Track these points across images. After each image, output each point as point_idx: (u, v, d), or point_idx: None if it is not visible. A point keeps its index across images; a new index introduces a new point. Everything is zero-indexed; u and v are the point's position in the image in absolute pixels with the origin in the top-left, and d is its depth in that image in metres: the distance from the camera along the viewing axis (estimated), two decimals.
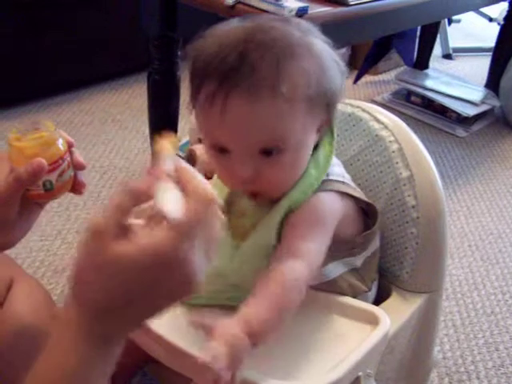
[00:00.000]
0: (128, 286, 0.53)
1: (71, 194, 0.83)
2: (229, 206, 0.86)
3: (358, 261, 0.92)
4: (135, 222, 0.56)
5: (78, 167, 0.81)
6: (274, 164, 0.77)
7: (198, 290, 0.56)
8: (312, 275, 0.78)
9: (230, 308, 0.85)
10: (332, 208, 0.84)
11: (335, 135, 0.88)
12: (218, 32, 0.77)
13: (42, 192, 0.77)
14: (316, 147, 0.85)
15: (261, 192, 0.81)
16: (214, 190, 0.57)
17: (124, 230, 0.54)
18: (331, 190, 0.84)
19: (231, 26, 0.78)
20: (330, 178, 0.85)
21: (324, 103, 0.79)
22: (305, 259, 0.78)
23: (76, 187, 0.81)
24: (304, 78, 0.75)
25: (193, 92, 0.78)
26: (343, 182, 0.87)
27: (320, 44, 0.79)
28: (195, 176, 0.58)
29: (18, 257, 1.57)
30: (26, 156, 0.74)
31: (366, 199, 0.91)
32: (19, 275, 1.02)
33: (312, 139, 0.81)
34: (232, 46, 0.73)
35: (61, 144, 0.77)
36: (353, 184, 0.90)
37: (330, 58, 0.79)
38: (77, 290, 0.56)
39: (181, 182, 0.56)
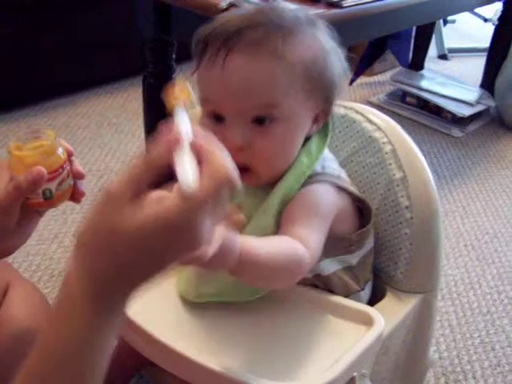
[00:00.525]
0: (134, 253, 0.53)
1: (69, 202, 0.83)
2: None
3: (354, 259, 0.92)
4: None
5: (77, 176, 0.81)
6: (266, 134, 0.78)
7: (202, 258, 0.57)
8: (312, 262, 0.78)
9: (234, 305, 0.86)
10: (328, 200, 0.85)
11: (330, 127, 0.89)
12: (227, 13, 0.81)
13: (41, 200, 0.77)
14: (308, 139, 0.85)
15: (252, 167, 0.80)
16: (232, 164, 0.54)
17: (139, 200, 0.53)
18: (326, 182, 0.85)
19: (244, 9, 0.82)
20: (326, 171, 0.86)
21: (322, 91, 0.81)
22: (306, 245, 0.77)
23: (75, 196, 0.82)
24: (307, 54, 0.77)
25: (197, 58, 0.80)
26: (339, 177, 0.88)
27: (326, 39, 0.81)
28: (215, 147, 0.55)
29: (15, 261, 1.57)
30: (25, 165, 0.75)
31: (360, 195, 0.92)
32: (15, 279, 1.02)
33: (307, 124, 0.82)
34: (240, 16, 0.77)
35: (61, 153, 0.78)
36: (348, 180, 0.91)
37: (333, 52, 0.81)
38: (82, 256, 0.55)
39: (199, 153, 0.54)
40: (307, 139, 0.86)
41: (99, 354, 0.57)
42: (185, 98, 0.63)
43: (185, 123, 0.57)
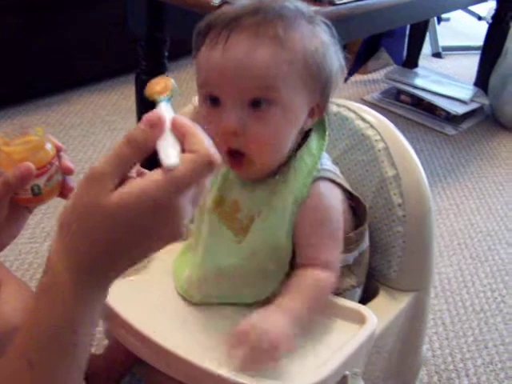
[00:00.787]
0: (116, 230, 0.53)
1: (58, 198, 0.83)
2: (221, 202, 0.87)
3: (351, 258, 0.92)
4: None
5: (66, 172, 0.81)
6: (262, 118, 0.78)
7: (181, 237, 0.57)
8: (336, 277, 0.84)
9: (241, 307, 0.86)
10: (337, 204, 0.87)
11: (327, 126, 0.89)
12: (228, 5, 0.82)
13: (30, 196, 0.77)
14: (306, 138, 0.86)
15: (246, 152, 0.80)
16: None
17: (123, 181, 0.54)
18: (325, 178, 0.86)
19: (243, 1, 0.82)
20: (324, 167, 0.87)
21: (319, 84, 0.81)
22: (329, 268, 0.83)
23: (64, 192, 0.82)
24: (307, 45, 0.79)
25: (197, 42, 0.81)
26: (335, 173, 0.89)
27: (326, 36, 0.82)
28: (197, 130, 0.56)
29: (7, 259, 1.56)
30: (13, 160, 0.74)
31: (355, 193, 0.92)
32: (7, 277, 1.02)
33: (301, 114, 0.82)
34: (242, 6, 0.79)
35: (49, 148, 0.77)
36: (342, 177, 0.91)
37: (332, 48, 0.83)
38: (63, 236, 0.56)
39: (182, 135, 0.55)
40: (305, 137, 0.86)
41: (82, 332, 0.57)
42: (168, 92, 0.63)
43: (168, 111, 0.58)
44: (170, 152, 0.53)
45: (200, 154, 0.54)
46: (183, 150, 0.55)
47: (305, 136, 0.86)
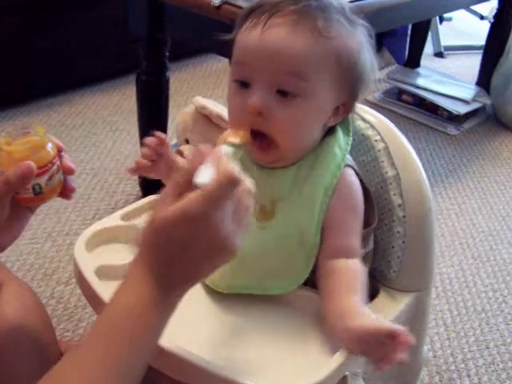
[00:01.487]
0: (170, 244, 0.63)
1: (59, 198, 0.83)
2: None
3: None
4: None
5: (67, 172, 0.81)
6: (287, 106, 0.79)
7: (232, 254, 0.66)
8: None
9: (228, 303, 0.86)
10: (361, 192, 0.88)
11: (351, 127, 0.91)
12: None
13: (31, 196, 0.77)
14: (335, 129, 0.88)
15: (270, 135, 0.81)
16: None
17: (172, 202, 0.64)
18: (351, 167, 0.88)
19: None
20: (348, 157, 0.89)
21: (349, 84, 0.83)
22: (357, 255, 0.85)
23: (65, 191, 0.82)
24: (343, 43, 0.80)
25: (240, 24, 0.83)
26: (354, 164, 0.91)
27: (364, 37, 0.83)
28: (226, 160, 0.66)
29: (8, 260, 1.56)
30: (15, 160, 0.75)
31: (368, 186, 0.92)
32: (8, 278, 1.02)
33: (327, 110, 0.83)
34: None
35: (50, 148, 0.78)
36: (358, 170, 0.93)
37: (367, 50, 0.84)
38: (140, 247, 0.66)
39: (214, 163, 0.65)
40: (330, 130, 0.88)
41: (150, 329, 0.65)
42: (237, 142, 0.76)
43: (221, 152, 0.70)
44: (204, 174, 0.63)
45: (223, 172, 0.63)
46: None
47: (329, 130, 0.88)
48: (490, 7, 3.13)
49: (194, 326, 0.84)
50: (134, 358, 0.63)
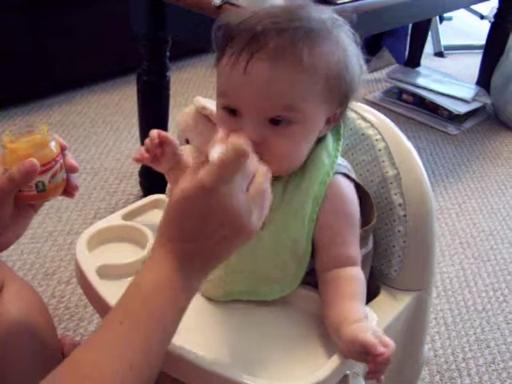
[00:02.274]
0: (185, 216, 0.66)
1: (62, 196, 0.83)
2: None
3: None
4: None
5: (70, 170, 0.82)
6: (280, 135, 0.78)
7: (249, 234, 0.68)
8: None
9: (228, 304, 0.86)
10: (354, 198, 0.87)
11: (342, 130, 0.90)
12: (250, 7, 0.84)
13: (34, 193, 0.78)
14: (324, 136, 0.86)
15: (264, 160, 0.79)
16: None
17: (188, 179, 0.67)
18: (343, 174, 0.87)
19: (267, 3, 0.83)
20: (339, 162, 0.88)
21: (339, 96, 0.81)
22: (357, 263, 0.85)
23: (68, 189, 0.83)
24: (328, 60, 0.77)
25: (219, 49, 0.80)
26: (347, 169, 0.89)
27: (348, 41, 0.81)
28: (236, 136, 0.71)
29: (9, 259, 1.56)
30: (18, 157, 0.76)
31: (367, 190, 0.92)
32: (10, 278, 1.02)
33: (320, 126, 0.82)
34: (268, 14, 0.76)
35: (54, 146, 0.78)
36: (354, 173, 0.91)
37: (355, 56, 0.82)
38: (160, 225, 0.69)
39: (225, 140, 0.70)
40: (322, 138, 0.86)
41: (168, 312, 0.65)
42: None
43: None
44: (214, 150, 0.67)
45: (231, 145, 0.66)
46: None
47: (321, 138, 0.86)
48: (490, 7, 3.14)
49: (193, 327, 0.84)
50: (164, 339, 0.65)
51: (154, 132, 0.92)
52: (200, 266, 0.67)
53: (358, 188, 0.90)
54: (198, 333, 0.83)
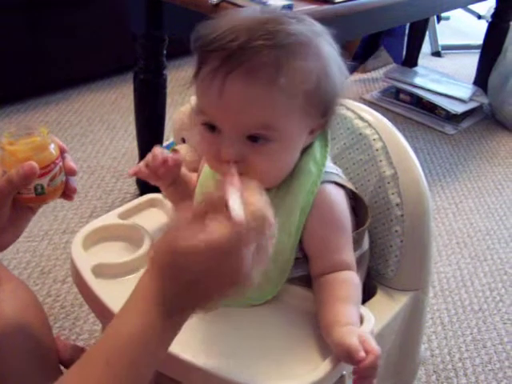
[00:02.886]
0: (188, 271, 0.62)
1: (61, 199, 0.83)
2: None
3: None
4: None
5: (69, 173, 0.82)
6: (259, 152, 0.77)
7: (248, 284, 0.65)
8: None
9: (244, 310, 0.86)
10: (344, 204, 0.86)
11: (329, 136, 0.88)
12: (233, 15, 0.79)
13: (33, 196, 0.77)
14: (310, 145, 0.85)
15: (245, 175, 0.78)
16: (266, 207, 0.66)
17: (196, 229, 0.63)
18: (330, 181, 0.85)
19: (248, 12, 0.79)
20: (327, 169, 0.86)
21: (321, 107, 0.79)
22: (352, 268, 0.85)
23: (67, 192, 0.82)
24: (305, 76, 0.76)
25: (197, 65, 0.78)
26: (338, 175, 0.88)
27: (328, 49, 0.79)
28: (258, 192, 0.67)
29: (4, 258, 1.56)
30: (18, 160, 0.75)
31: (358, 194, 0.92)
32: (5, 277, 1.02)
33: (302, 139, 0.81)
34: (243, 29, 0.74)
35: (53, 149, 0.78)
36: (344, 177, 0.91)
37: (335, 64, 0.80)
38: (153, 271, 0.65)
39: (244, 194, 0.66)
40: (310, 145, 0.85)
41: (152, 354, 0.64)
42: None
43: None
44: (237, 207, 0.63)
45: (254, 212, 0.64)
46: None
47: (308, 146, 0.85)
48: (487, 6, 3.14)
49: (187, 328, 0.83)
50: (134, 382, 0.64)
51: (158, 151, 0.91)
52: (186, 312, 0.66)
53: (351, 192, 0.90)
54: (192, 333, 0.83)
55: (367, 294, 0.97)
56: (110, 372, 0.61)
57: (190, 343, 0.78)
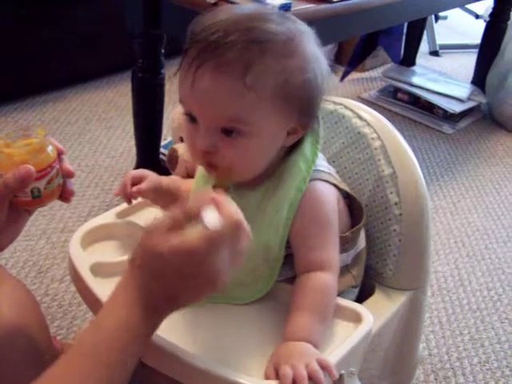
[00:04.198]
0: (166, 270, 0.66)
1: (58, 201, 0.82)
2: None
3: (349, 258, 0.92)
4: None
5: (67, 175, 0.81)
6: (233, 145, 0.78)
7: (221, 288, 0.68)
8: (337, 276, 0.85)
9: (229, 307, 0.86)
10: (332, 204, 0.86)
11: (321, 133, 0.88)
12: (226, 10, 0.80)
13: (29, 199, 0.76)
14: (300, 143, 0.85)
15: (218, 167, 0.81)
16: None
17: (173, 233, 0.66)
18: (320, 179, 0.85)
19: (238, 9, 0.80)
20: (319, 168, 0.86)
21: (297, 105, 0.79)
22: (331, 269, 0.84)
23: (64, 195, 0.82)
24: (275, 76, 0.76)
25: (182, 56, 0.80)
26: (330, 174, 0.88)
27: (309, 49, 0.79)
28: (229, 202, 0.69)
29: (2, 257, 1.56)
30: (14, 163, 0.74)
31: (351, 193, 0.91)
32: (3, 276, 1.01)
33: (278, 136, 0.81)
34: (223, 24, 0.75)
35: (50, 151, 0.77)
36: (338, 177, 0.91)
37: (315, 64, 0.79)
38: (132, 266, 0.68)
39: (218, 205, 0.68)
40: (298, 142, 0.85)
41: (128, 352, 0.66)
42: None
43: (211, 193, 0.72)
44: (212, 216, 0.67)
45: (228, 218, 0.67)
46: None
47: (297, 141, 0.85)
48: (485, 6, 3.14)
49: (181, 325, 0.84)
50: (111, 379, 0.65)
51: (129, 178, 0.98)
52: (163, 311, 0.69)
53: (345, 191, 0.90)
54: (191, 332, 0.83)
55: (365, 293, 0.97)
56: (95, 361, 0.64)
57: (186, 341, 0.78)
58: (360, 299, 0.94)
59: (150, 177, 0.98)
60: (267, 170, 0.84)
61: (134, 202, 1.03)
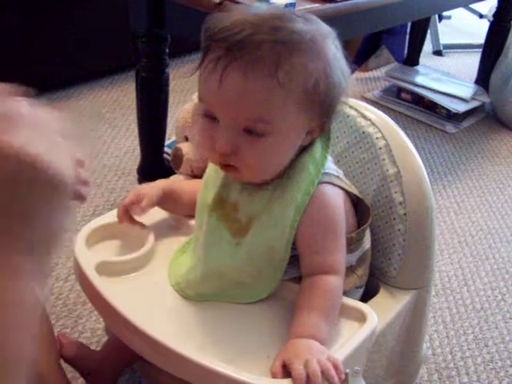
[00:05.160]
0: None
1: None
2: (221, 202, 0.87)
3: (354, 258, 0.92)
4: None
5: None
6: (254, 145, 0.78)
7: (64, 185, 0.52)
8: (343, 280, 0.85)
9: (233, 305, 0.86)
10: (339, 207, 0.86)
11: (331, 135, 0.89)
12: (242, 9, 0.81)
13: None
14: (311, 145, 0.85)
15: (237, 168, 0.81)
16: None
17: None
18: (329, 183, 0.86)
19: (257, 7, 0.80)
20: (327, 171, 0.86)
21: (319, 107, 0.80)
22: (337, 272, 0.84)
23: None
24: (304, 74, 0.76)
25: (202, 53, 0.80)
26: (338, 177, 0.88)
27: (332, 51, 0.80)
28: None
29: None
30: None
31: (359, 195, 0.92)
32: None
33: (299, 137, 0.82)
34: (248, 23, 0.75)
35: None
36: (347, 180, 0.91)
37: (337, 66, 0.80)
38: None
39: None
40: (309, 143, 0.85)
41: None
42: None
43: None
44: None
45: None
46: None
47: (309, 143, 0.85)
48: (489, 6, 3.13)
49: (185, 325, 0.84)
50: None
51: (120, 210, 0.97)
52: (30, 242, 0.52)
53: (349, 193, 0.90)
54: (191, 329, 0.83)
55: (370, 292, 0.97)
56: None
57: (187, 338, 0.78)
58: (364, 298, 0.95)
59: (148, 194, 0.95)
60: (273, 173, 0.84)
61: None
